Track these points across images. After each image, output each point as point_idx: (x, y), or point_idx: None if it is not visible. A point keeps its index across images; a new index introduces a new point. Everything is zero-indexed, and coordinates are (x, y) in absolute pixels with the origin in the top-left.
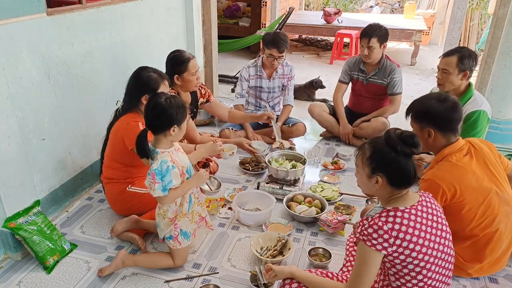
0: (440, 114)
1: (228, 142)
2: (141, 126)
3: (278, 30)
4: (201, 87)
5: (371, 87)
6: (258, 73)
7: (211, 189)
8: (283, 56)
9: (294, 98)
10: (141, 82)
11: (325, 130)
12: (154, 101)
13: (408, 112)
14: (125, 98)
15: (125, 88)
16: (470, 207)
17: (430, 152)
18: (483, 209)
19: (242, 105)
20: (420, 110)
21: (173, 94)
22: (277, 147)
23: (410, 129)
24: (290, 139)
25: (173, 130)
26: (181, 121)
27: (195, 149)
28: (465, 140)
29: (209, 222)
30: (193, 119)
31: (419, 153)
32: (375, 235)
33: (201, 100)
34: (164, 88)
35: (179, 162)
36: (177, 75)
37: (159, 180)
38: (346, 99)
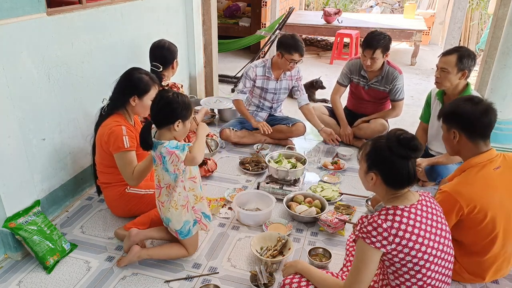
0: (466, 116)
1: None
2: (125, 131)
3: (292, 33)
4: (178, 86)
5: (372, 92)
6: (266, 74)
7: (211, 150)
8: (302, 59)
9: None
10: (131, 83)
11: None
12: (161, 95)
13: (440, 111)
14: (112, 97)
15: (114, 87)
16: (487, 224)
17: (431, 154)
18: (502, 227)
19: (242, 100)
20: (448, 110)
21: (181, 92)
22: None
23: (412, 130)
24: (290, 139)
25: (177, 126)
26: (186, 118)
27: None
28: (500, 153)
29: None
30: None
31: (418, 156)
32: (374, 233)
33: None
34: (154, 92)
35: None
36: (176, 59)
37: (175, 149)
38: (344, 100)
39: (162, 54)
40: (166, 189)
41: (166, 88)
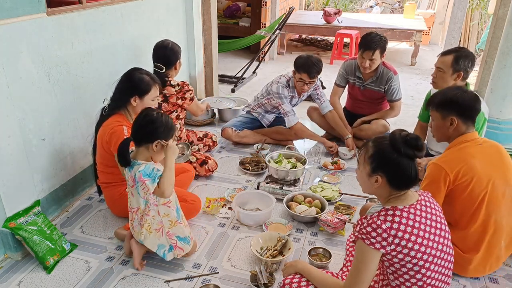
0: (465, 102)
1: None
2: (126, 130)
3: (311, 54)
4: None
5: (368, 92)
6: (291, 93)
7: (182, 153)
8: (314, 81)
9: None
10: (132, 83)
11: (325, 132)
12: (146, 112)
13: (430, 102)
14: (113, 97)
15: (115, 87)
16: (472, 189)
17: (431, 154)
18: (485, 194)
19: (299, 121)
20: (444, 99)
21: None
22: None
23: (411, 130)
24: (291, 140)
25: (156, 146)
26: (166, 139)
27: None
28: (483, 138)
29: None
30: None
31: (422, 156)
32: (373, 234)
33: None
34: (155, 92)
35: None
36: (179, 60)
37: (147, 177)
38: (343, 100)
39: (166, 54)
40: (135, 213)
41: (177, 87)
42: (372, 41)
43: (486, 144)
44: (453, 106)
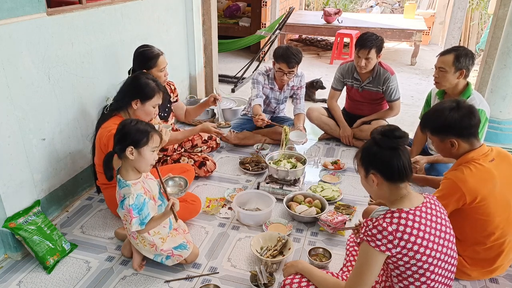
0: (459, 124)
1: (196, 129)
2: None
3: (290, 45)
4: (171, 84)
5: (367, 93)
6: (270, 85)
7: (180, 187)
8: (293, 71)
9: None
10: (137, 86)
11: (323, 132)
12: (121, 121)
13: (424, 127)
14: (116, 97)
15: (119, 88)
16: (489, 212)
17: (430, 153)
18: (502, 217)
19: (260, 105)
20: (437, 124)
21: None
22: (219, 125)
23: (411, 130)
24: (291, 140)
25: (131, 153)
26: (139, 145)
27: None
28: (490, 147)
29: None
30: (166, 119)
31: (405, 144)
32: (379, 236)
33: (172, 95)
34: (158, 99)
35: (151, 191)
36: (145, 71)
37: (136, 214)
38: (342, 100)
39: (134, 60)
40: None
41: None
42: (367, 40)
43: (497, 158)
44: (449, 130)
